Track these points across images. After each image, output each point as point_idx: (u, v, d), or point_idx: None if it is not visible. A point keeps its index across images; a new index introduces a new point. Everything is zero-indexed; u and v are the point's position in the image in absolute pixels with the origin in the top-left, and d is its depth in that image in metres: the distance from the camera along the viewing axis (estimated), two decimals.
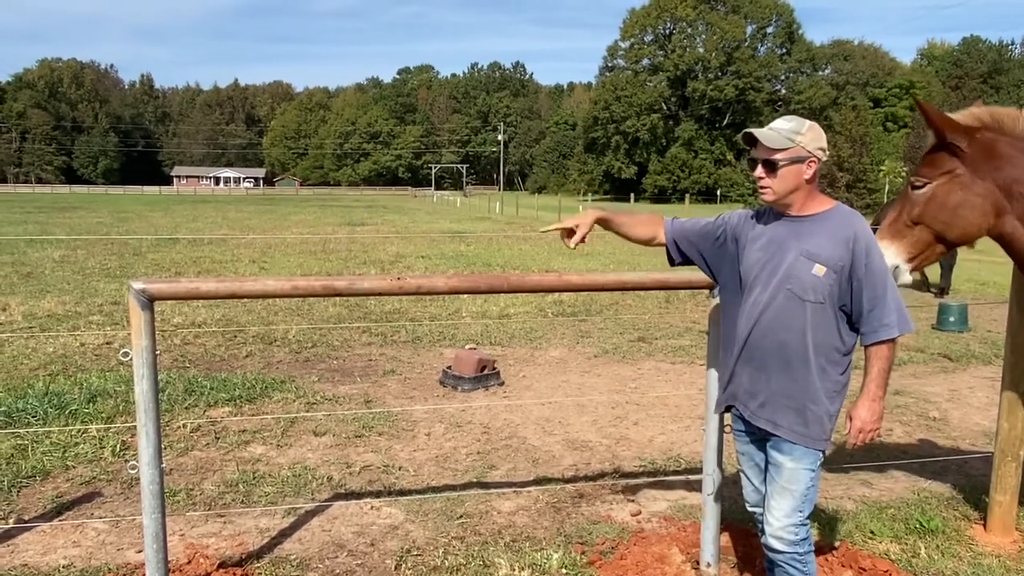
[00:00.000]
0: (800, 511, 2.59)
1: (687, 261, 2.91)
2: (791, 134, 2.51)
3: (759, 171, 2.57)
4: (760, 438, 2.72)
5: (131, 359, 2.68)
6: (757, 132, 2.55)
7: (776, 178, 2.53)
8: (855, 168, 44.07)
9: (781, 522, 2.60)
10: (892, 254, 3.17)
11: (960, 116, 3.12)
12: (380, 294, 2.96)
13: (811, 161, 2.52)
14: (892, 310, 2.48)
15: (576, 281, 3.06)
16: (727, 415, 2.91)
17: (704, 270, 2.90)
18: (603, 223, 2.89)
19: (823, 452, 2.61)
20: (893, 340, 2.50)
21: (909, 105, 76.14)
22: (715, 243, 2.81)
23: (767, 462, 2.71)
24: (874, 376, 2.52)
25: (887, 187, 41.62)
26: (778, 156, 2.51)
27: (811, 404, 2.54)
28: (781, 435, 2.57)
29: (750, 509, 2.94)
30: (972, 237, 3.24)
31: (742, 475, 2.91)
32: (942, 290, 12.13)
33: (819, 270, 2.48)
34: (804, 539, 2.63)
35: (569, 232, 2.82)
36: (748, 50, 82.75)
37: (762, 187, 2.58)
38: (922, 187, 3.16)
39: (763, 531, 2.70)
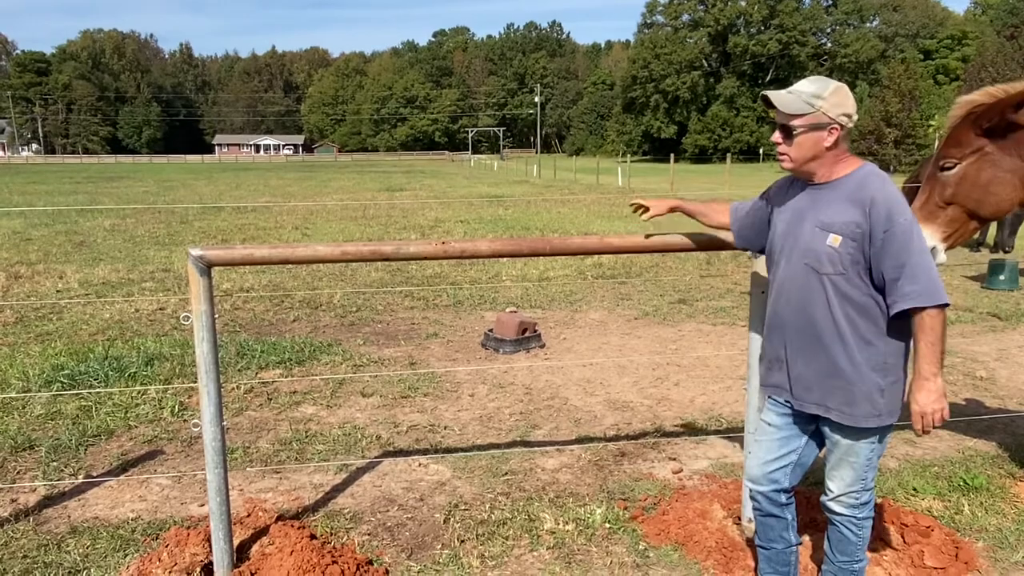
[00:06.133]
0: (863, 479, 2.52)
1: (751, 244, 2.82)
2: (811, 98, 2.32)
3: (776, 136, 2.43)
4: (806, 416, 2.58)
5: (191, 323, 2.80)
6: (772, 95, 2.40)
7: (792, 146, 2.39)
8: (904, 123, 42.66)
9: (843, 490, 2.55)
10: (927, 236, 3.16)
11: (977, 96, 3.12)
12: (425, 258, 3.03)
13: (833, 128, 2.33)
14: (919, 278, 2.25)
15: (617, 243, 3.08)
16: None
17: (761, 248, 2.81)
18: (681, 210, 2.97)
19: (885, 426, 2.46)
20: (937, 310, 2.25)
21: (961, 57, 73.13)
22: (762, 219, 2.72)
23: (820, 438, 2.61)
24: (922, 353, 2.28)
25: (936, 143, 40.26)
26: (795, 122, 2.36)
27: (857, 381, 2.38)
28: (832, 417, 2.45)
29: (748, 484, 2.78)
30: (1004, 212, 3.28)
31: (754, 443, 2.74)
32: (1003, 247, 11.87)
33: (834, 240, 2.34)
34: (865, 503, 2.57)
35: (646, 208, 2.96)
36: (792, 2, 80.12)
37: (780, 154, 2.44)
38: (952, 168, 3.19)
39: (824, 493, 2.63)
